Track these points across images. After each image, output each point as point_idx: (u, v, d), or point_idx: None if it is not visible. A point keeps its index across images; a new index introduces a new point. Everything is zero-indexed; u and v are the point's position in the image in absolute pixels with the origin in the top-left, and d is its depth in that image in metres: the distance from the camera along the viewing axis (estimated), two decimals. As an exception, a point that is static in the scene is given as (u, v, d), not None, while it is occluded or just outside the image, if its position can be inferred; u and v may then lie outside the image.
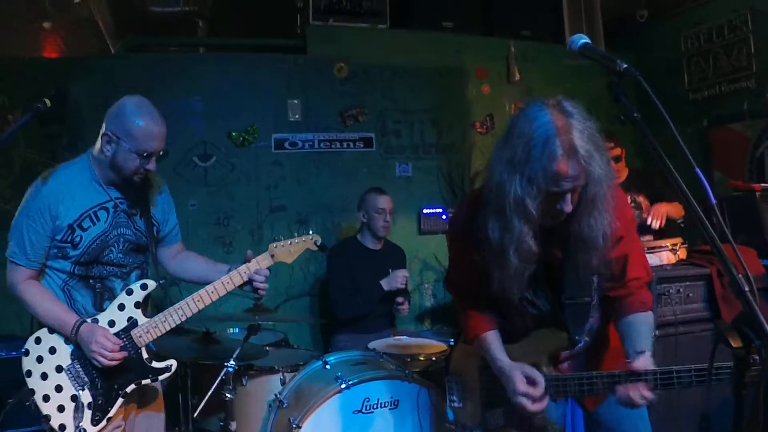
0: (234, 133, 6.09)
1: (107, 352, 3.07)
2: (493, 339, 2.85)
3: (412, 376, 3.85)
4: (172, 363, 3.31)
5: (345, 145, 6.40)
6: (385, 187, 5.68)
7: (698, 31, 6.63)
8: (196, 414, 4.08)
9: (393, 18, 6.69)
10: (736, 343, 1.74)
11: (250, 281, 3.42)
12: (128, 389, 3.22)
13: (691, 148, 1.85)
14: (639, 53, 7.14)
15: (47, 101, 2.98)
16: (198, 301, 3.32)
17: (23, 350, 3.18)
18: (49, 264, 3.23)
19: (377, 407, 3.78)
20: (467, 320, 2.96)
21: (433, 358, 4.30)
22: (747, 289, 1.70)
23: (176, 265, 3.68)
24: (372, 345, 4.56)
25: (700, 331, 4.30)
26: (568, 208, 2.36)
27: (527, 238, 2.44)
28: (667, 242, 4.62)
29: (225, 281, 3.36)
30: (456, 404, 3.12)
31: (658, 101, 1.87)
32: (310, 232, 3.65)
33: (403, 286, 5.29)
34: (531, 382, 2.65)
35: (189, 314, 3.30)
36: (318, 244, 3.65)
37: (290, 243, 3.56)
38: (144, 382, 3.26)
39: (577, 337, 2.70)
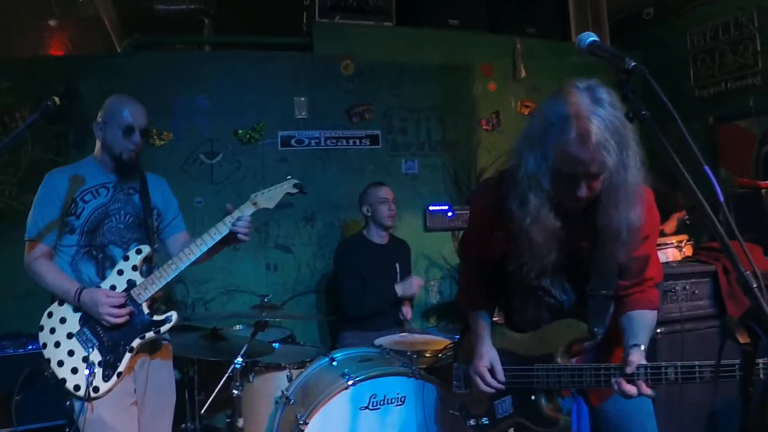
0: (240, 131, 6.10)
1: (114, 309, 3.32)
2: (484, 317, 3.04)
3: (419, 373, 3.86)
4: (172, 314, 3.49)
5: (351, 142, 6.40)
6: (391, 184, 5.69)
7: (704, 28, 6.62)
8: (203, 410, 4.11)
9: (399, 15, 6.69)
10: (744, 339, 1.75)
11: (234, 233, 3.58)
12: (134, 344, 3.40)
13: (697, 145, 1.84)
14: (645, 51, 7.13)
15: (56, 99, 3.04)
16: (188, 253, 3.49)
17: (39, 325, 3.40)
18: (59, 243, 3.51)
19: (384, 403, 3.80)
20: (468, 290, 3.20)
21: (440, 355, 4.30)
22: (755, 285, 1.71)
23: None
24: (378, 342, 4.57)
25: (705, 328, 4.29)
26: (582, 192, 2.38)
27: (545, 212, 2.46)
28: (673, 239, 4.63)
29: (212, 232, 3.53)
30: (461, 390, 3.18)
31: (665, 99, 1.88)
32: (288, 177, 3.82)
33: (417, 294, 5.33)
34: (491, 370, 2.91)
35: (181, 265, 3.48)
36: (297, 185, 3.80)
37: (269, 190, 3.74)
38: (147, 335, 3.44)
39: (596, 329, 2.70)
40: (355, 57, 6.46)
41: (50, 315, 3.41)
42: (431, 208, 6.52)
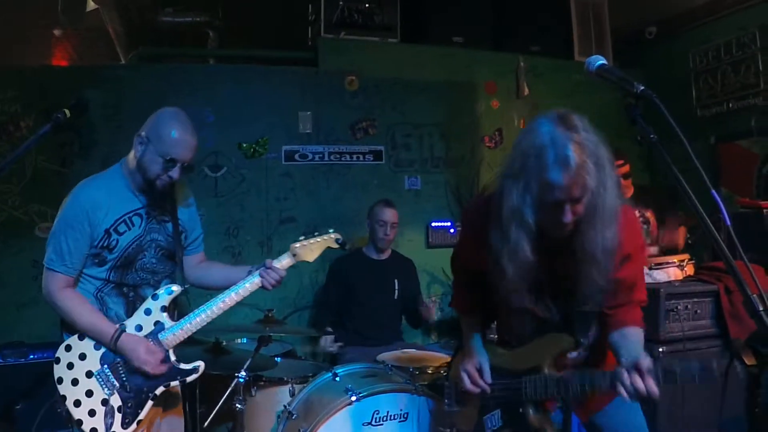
0: (245, 144, 6.12)
1: (153, 363, 3.20)
2: (475, 321, 3.13)
3: (421, 389, 3.87)
4: (200, 364, 3.38)
5: (355, 157, 6.43)
6: (394, 200, 5.72)
7: (707, 48, 6.65)
8: (205, 424, 4.10)
9: (404, 32, 6.74)
10: (750, 360, 1.77)
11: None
12: (157, 391, 3.27)
13: (697, 164, 1.87)
14: (647, 69, 7.18)
15: (67, 112, 3.03)
16: (222, 305, 3.37)
17: (54, 358, 3.22)
18: (84, 271, 3.28)
19: (387, 419, 3.80)
20: (460, 296, 3.31)
21: (441, 371, 4.31)
22: (761, 308, 1.73)
23: (199, 271, 3.74)
24: (380, 357, 4.58)
25: (707, 348, 4.29)
26: (567, 218, 2.39)
27: (523, 247, 2.49)
28: (675, 258, 4.64)
29: (248, 281, 3.42)
30: (452, 408, 3.19)
31: (672, 121, 1.90)
32: (330, 231, 3.67)
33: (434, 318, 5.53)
34: (479, 369, 2.97)
35: (213, 316, 3.37)
36: (339, 241, 3.66)
37: (311, 242, 3.61)
38: (173, 384, 3.32)
39: (582, 340, 2.76)
40: (360, 73, 6.50)
41: (68, 348, 3.23)
42: (434, 224, 6.54)
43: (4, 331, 5.27)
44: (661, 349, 4.20)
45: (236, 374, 3.88)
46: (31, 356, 4.83)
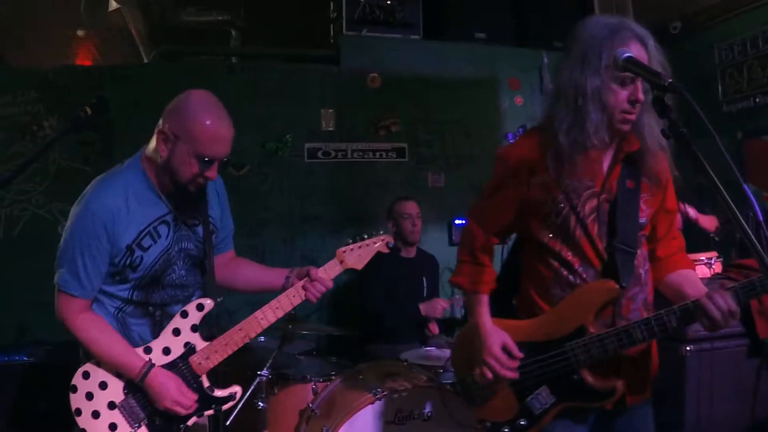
0: (267, 143, 6.12)
1: (186, 404, 2.80)
2: (487, 300, 2.80)
3: (445, 388, 3.84)
4: (237, 391, 2.99)
5: (378, 155, 6.42)
6: (417, 197, 5.70)
7: (732, 42, 6.57)
8: (228, 422, 4.10)
9: (426, 29, 6.73)
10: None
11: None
12: (189, 423, 2.87)
13: (725, 160, 1.83)
14: (672, 65, 7.08)
15: (88, 109, 2.72)
16: (262, 319, 2.96)
17: (71, 386, 2.80)
18: (103, 288, 2.83)
19: (410, 418, 3.76)
20: (471, 270, 2.86)
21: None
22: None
23: (229, 271, 3.28)
24: (404, 356, 4.55)
25: (735, 347, 4.25)
26: (640, 95, 2.42)
27: (601, 129, 2.46)
28: (703, 256, 4.59)
29: (291, 295, 3.00)
30: (479, 403, 2.89)
31: (702, 114, 1.86)
32: (381, 232, 3.25)
33: (441, 317, 5.31)
34: (506, 350, 2.66)
35: (253, 335, 2.97)
36: (390, 245, 3.26)
37: (360, 246, 3.14)
38: (207, 413, 2.92)
39: (624, 284, 2.53)
40: (382, 70, 6.49)
41: (86, 376, 2.80)
42: (457, 221, 6.50)
43: (26, 330, 5.30)
44: (688, 348, 4.15)
45: (259, 372, 3.86)
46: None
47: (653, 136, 2.47)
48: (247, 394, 3.94)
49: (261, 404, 3.91)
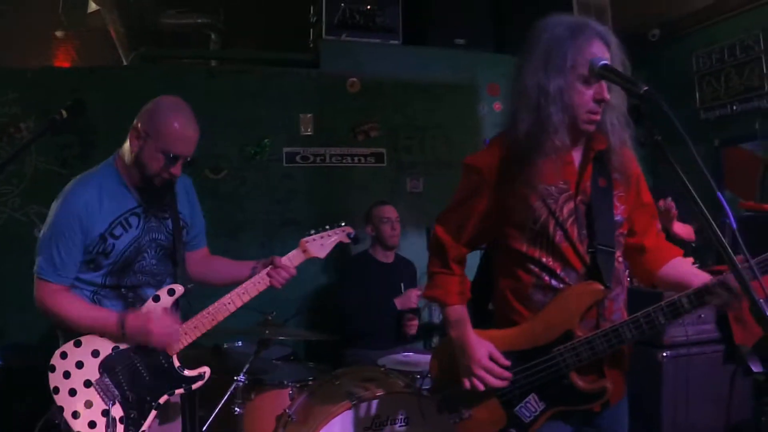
0: (246, 147, 6.10)
1: (171, 330, 3.06)
2: (465, 311, 2.77)
3: (422, 393, 3.83)
4: (205, 370, 3.18)
5: (356, 159, 6.41)
6: (396, 202, 5.72)
7: (710, 50, 6.61)
8: (204, 428, 4.07)
9: (406, 34, 6.72)
10: (757, 368, 1.74)
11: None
12: (161, 400, 3.07)
13: (700, 167, 1.84)
14: (650, 72, 7.14)
15: (63, 112, 2.87)
16: (229, 303, 3.22)
17: (49, 365, 2.99)
18: (78, 275, 3.08)
19: (387, 424, 3.77)
20: (446, 281, 2.85)
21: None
22: (768, 313, 1.70)
23: (202, 267, 3.55)
24: (381, 361, 4.54)
25: (711, 352, 4.28)
26: (606, 94, 2.41)
27: (561, 130, 2.46)
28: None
29: (257, 281, 3.29)
30: (462, 418, 2.83)
31: (676, 122, 1.86)
32: (342, 224, 3.50)
33: (416, 306, 5.29)
34: (493, 359, 2.63)
35: (220, 318, 3.21)
36: (351, 236, 3.50)
37: (322, 237, 3.45)
38: (177, 391, 3.14)
39: (609, 285, 2.53)
40: (362, 75, 6.48)
41: (64, 356, 3.00)
42: (436, 227, 6.48)
43: (2, 332, 5.26)
44: (664, 354, 4.17)
45: (235, 377, 3.85)
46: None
47: (616, 134, 2.51)
48: (224, 399, 3.92)
49: (237, 410, 3.89)
